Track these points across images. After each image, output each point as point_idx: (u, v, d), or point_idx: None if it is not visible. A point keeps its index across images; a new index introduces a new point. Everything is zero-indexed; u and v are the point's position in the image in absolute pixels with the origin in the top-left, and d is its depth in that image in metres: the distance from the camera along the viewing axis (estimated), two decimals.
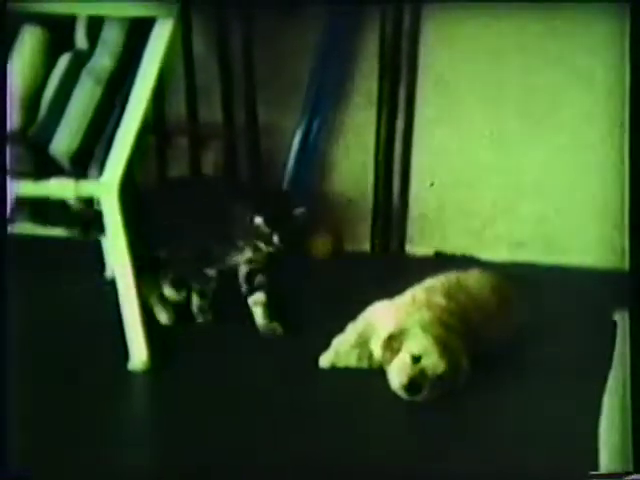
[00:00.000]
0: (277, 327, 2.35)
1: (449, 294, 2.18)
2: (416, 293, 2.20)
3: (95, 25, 2.18)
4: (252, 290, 2.34)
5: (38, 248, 2.54)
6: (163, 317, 2.35)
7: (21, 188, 2.08)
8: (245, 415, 1.98)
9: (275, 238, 2.26)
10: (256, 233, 2.27)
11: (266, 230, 2.26)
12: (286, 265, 2.41)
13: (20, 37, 2.16)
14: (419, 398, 1.99)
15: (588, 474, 1.48)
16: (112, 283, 2.17)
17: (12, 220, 2.06)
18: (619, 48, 2.60)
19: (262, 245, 2.28)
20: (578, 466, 1.58)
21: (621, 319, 1.90)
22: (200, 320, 2.38)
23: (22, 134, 2.13)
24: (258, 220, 2.26)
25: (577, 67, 2.78)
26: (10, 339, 1.62)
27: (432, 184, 2.89)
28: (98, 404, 1.99)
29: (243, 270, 2.33)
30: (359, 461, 1.79)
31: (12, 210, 2.06)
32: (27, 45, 2.16)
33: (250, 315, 2.36)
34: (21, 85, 2.14)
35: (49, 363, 2.12)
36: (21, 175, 2.08)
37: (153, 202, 2.36)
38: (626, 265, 2.67)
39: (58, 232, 2.39)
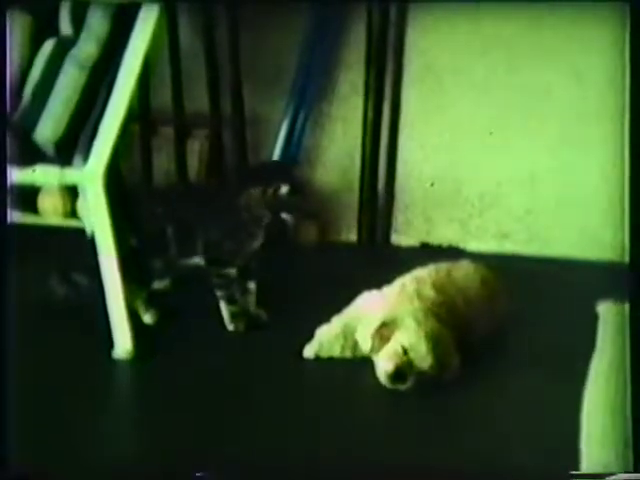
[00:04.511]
0: (262, 313, 2.35)
1: (438, 286, 2.18)
2: (405, 283, 2.20)
3: (79, 11, 2.17)
4: (245, 280, 2.33)
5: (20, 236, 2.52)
6: (147, 317, 2.33)
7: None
8: (229, 404, 1.99)
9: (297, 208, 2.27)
10: (280, 206, 2.27)
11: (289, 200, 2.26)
12: (272, 254, 2.41)
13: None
14: (402, 388, 2.00)
15: (569, 474, 1.48)
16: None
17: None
18: (610, 42, 2.60)
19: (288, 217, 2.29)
20: (563, 459, 1.58)
21: (603, 311, 1.91)
22: (231, 328, 2.31)
23: (6, 120, 2.11)
24: (284, 190, 2.26)
25: (566, 61, 2.78)
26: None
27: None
28: (86, 394, 1.99)
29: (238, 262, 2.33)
30: (343, 454, 1.79)
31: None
32: (11, 30, 2.14)
33: None
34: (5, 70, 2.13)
35: (36, 352, 2.12)
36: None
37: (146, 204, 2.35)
38: (611, 257, 2.70)
39: (42, 220, 2.39)
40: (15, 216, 2.30)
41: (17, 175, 2.10)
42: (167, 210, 2.31)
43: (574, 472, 1.47)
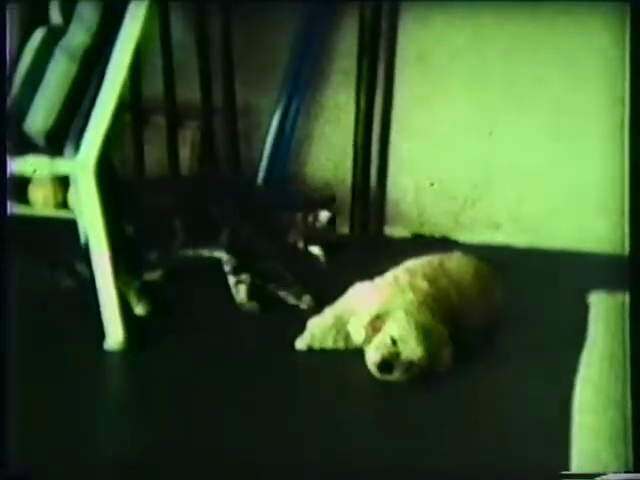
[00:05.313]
0: (255, 306, 2.35)
1: (431, 278, 2.18)
2: (398, 275, 2.20)
3: (70, 0, 2.16)
4: (238, 270, 2.34)
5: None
6: (139, 309, 2.33)
7: None
8: (221, 396, 1.98)
9: (333, 240, 2.31)
10: (314, 235, 2.29)
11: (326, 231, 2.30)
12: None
13: None
14: (391, 378, 2.00)
15: (559, 474, 1.48)
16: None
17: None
18: (606, 34, 2.60)
19: (317, 250, 2.31)
20: (556, 452, 1.58)
21: (595, 301, 1.91)
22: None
23: (5, 112, 2.10)
24: (324, 216, 2.28)
25: (561, 52, 2.77)
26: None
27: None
28: (79, 386, 1.99)
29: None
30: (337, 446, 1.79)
31: None
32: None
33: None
34: None
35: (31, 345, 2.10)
36: None
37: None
38: (603, 248, 2.71)
39: (32, 210, 2.38)
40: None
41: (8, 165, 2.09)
42: (186, 200, 2.32)
43: (565, 472, 1.47)
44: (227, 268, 2.36)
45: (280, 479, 1.66)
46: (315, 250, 2.31)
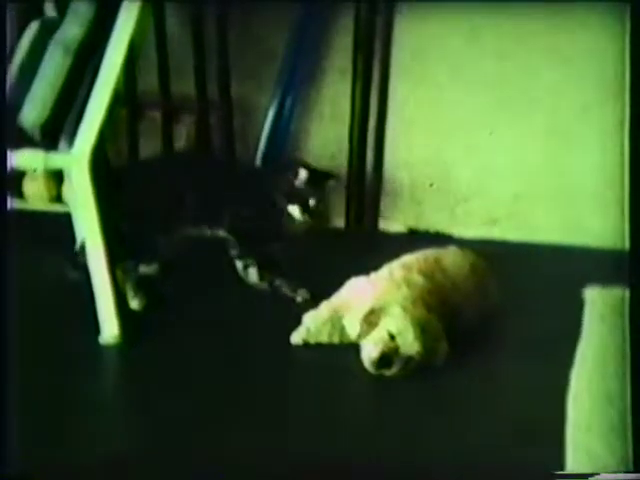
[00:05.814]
0: (267, 287, 2.40)
1: (426, 273, 2.18)
2: (393, 270, 2.20)
3: None
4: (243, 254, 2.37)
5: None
6: (134, 303, 2.32)
7: None
8: (217, 390, 1.99)
9: (311, 201, 2.29)
10: (293, 194, 2.29)
11: (306, 191, 2.29)
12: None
13: None
14: (388, 374, 2.00)
15: (553, 474, 1.48)
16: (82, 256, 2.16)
17: None
18: (601, 30, 2.60)
19: (295, 211, 2.29)
20: (551, 447, 1.58)
21: (590, 296, 1.91)
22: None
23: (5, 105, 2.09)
24: (303, 174, 2.29)
25: (551, 47, 2.77)
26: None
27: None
28: (77, 382, 1.99)
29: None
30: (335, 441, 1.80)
31: None
32: None
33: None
34: None
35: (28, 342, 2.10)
36: None
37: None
38: (599, 243, 2.71)
39: (27, 204, 2.38)
40: None
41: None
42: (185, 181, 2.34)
43: (560, 472, 1.47)
44: (233, 253, 2.37)
45: (276, 472, 1.66)
46: (294, 211, 2.32)
